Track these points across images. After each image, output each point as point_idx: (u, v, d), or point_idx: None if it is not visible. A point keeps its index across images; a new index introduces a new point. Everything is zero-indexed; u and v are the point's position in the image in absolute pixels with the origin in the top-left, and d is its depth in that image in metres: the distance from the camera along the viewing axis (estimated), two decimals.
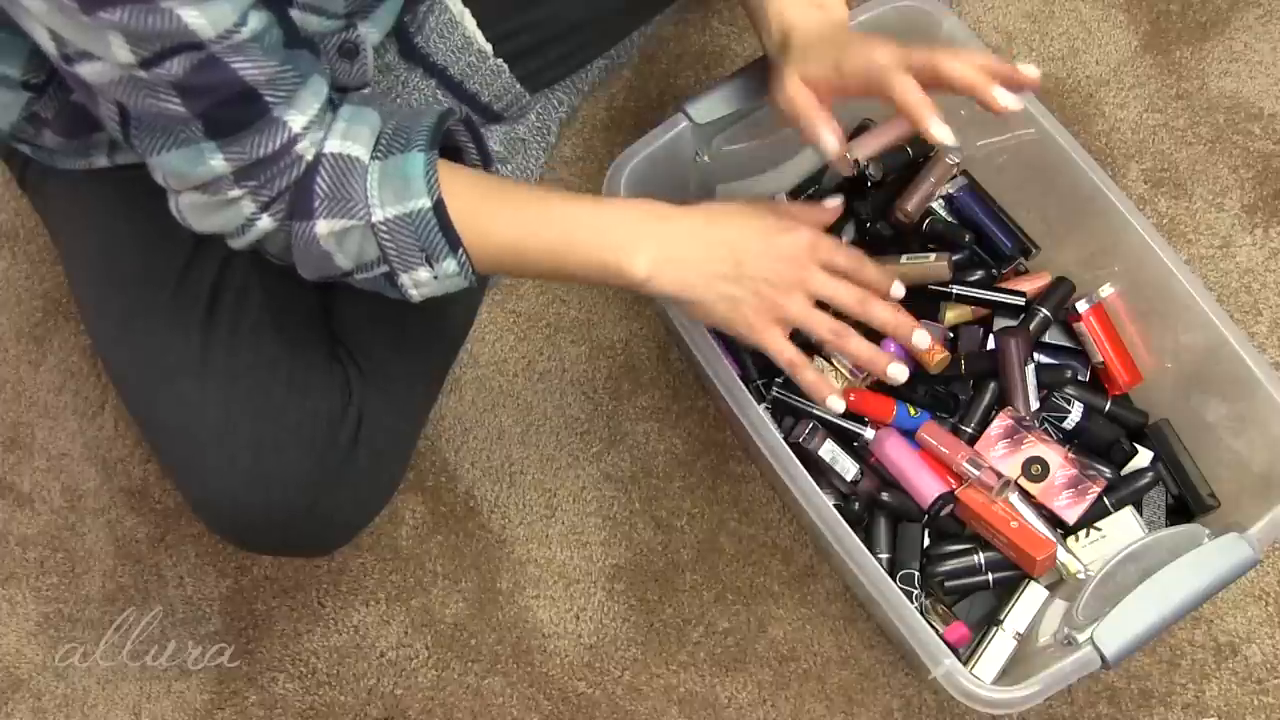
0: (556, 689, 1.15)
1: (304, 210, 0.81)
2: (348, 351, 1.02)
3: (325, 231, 0.82)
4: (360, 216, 0.81)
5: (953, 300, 1.14)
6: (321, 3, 0.84)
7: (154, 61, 0.71)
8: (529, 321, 1.26)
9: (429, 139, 0.83)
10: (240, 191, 0.80)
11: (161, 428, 0.96)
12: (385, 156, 0.82)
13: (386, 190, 0.81)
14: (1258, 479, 1.03)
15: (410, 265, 0.84)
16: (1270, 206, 1.28)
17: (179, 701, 1.16)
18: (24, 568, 1.20)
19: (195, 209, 0.82)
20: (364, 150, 0.82)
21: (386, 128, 0.84)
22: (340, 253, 0.83)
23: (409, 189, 0.81)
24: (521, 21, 1.09)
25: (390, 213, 0.81)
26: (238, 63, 0.74)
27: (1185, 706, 1.14)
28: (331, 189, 0.81)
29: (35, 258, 1.27)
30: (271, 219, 0.82)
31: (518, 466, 1.21)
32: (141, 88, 0.73)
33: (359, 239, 0.82)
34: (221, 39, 0.72)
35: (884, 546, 1.10)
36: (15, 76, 0.90)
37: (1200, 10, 1.36)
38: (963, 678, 0.94)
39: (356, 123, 0.83)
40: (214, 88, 0.74)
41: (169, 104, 0.74)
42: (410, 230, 0.82)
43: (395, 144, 0.83)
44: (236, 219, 0.82)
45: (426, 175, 0.81)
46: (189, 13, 0.69)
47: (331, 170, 0.81)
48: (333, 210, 0.81)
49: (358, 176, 0.81)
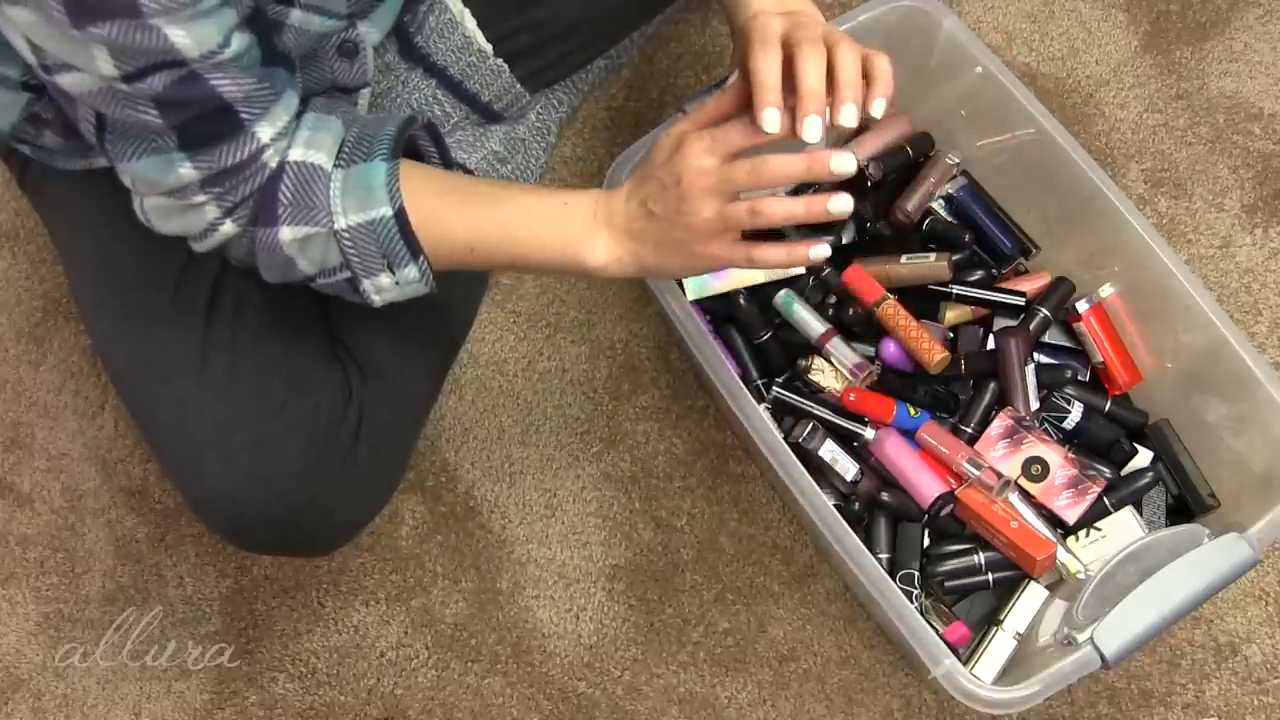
0: (556, 689, 1.15)
1: (268, 217, 0.83)
2: (347, 351, 1.02)
3: (289, 238, 0.84)
4: (323, 224, 0.83)
5: (953, 300, 1.14)
6: (324, 3, 0.85)
7: (136, 76, 0.73)
8: (529, 321, 1.26)
9: (391, 147, 0.84)
10: (205, 197, 0.82)
11: (161, 427, 0.96)
12: (348, 165, 0.84)
13: (349, 198, 0.83)
14: (1258, 479, 1.03)
15: (372, 271, 0.85)
16: (1270, 206, 1.28)
17: (179, 701, 1.16)
18: (24, 568, 1.20)
19: (159, 211, 0.84)
20: (327, 158, 0.84)
21: (349, 135, 0.85)
22: (303, 258, 0.85)
23: (371, 198, 0.83)
24: (521, 21, 1.09)
25: (353, 220, 0.83)
26: (217, 79, 0.75)
27: (1185, 706, 1.14)
28: (295, 196, 0.83)
29: (35, 258, 1.27)
30: (234, 224, 0.84)
31: (518, 466, 1.21)
32: (120, 99, 0.75)
33: (322, 245, 0.84)
34: (205, 58, 0.74)
35: (884, 546, 1.10)
36: (15, 77, 0.90)
37: (1200, 10, 1.36)
38: (963, 678, 0.94)
39: (320, 130, 0.84)
40: (192, 103, 0.76)
41: (146, 115, 0.75)
42: (372, 238, 0.84)
43: (358, 152, 0.84)
44: (200, 223, 0.84)
45: (389, 184, 0.83)
46: (176, 32, 0.71)
47: (295, 178, 0.82)
48: (296, 217, 0.83)
49: (321, 184, 0.83)
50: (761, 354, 1.16)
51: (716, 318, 1.18)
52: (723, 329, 1.17)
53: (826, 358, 1.13)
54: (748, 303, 1.13)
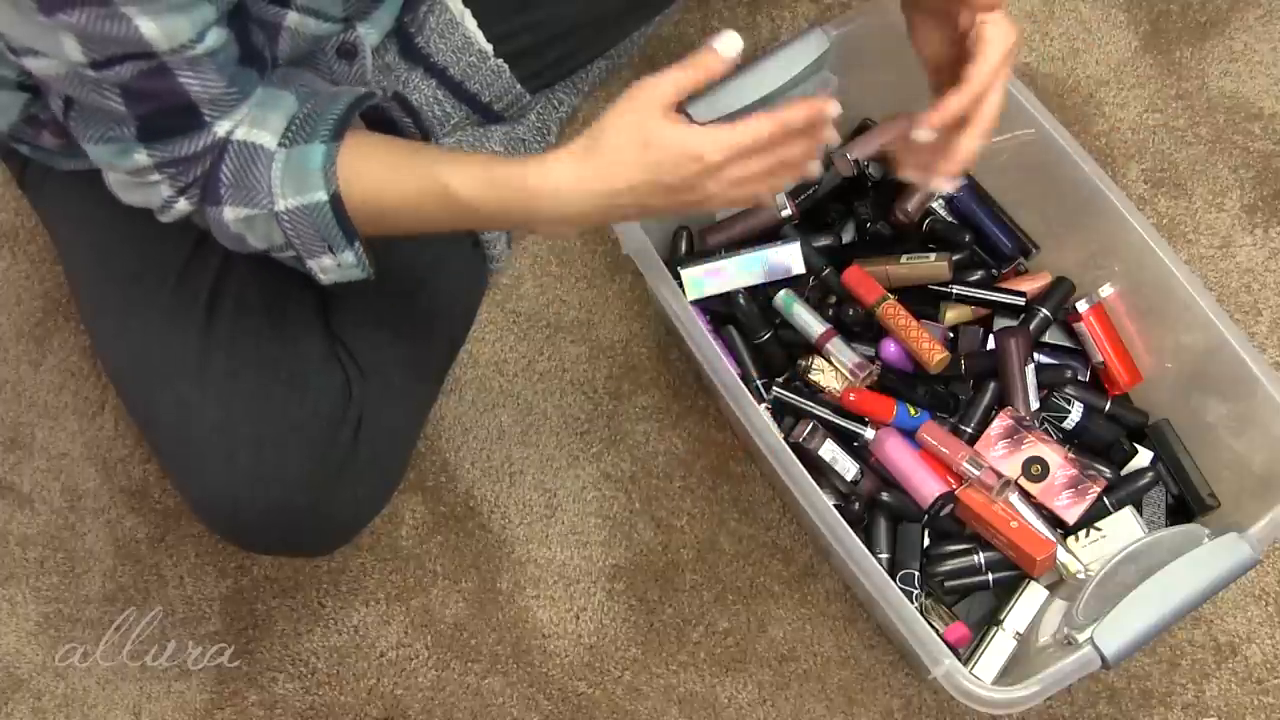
0: (556, 689, 1.15)
1: (213, 196, 0.83)
2: (347, 351, 1.02)
3: (232, 217, 0.84)
4: (264, 205, 0.83)
5: (953, 300, 1.14)
6: (320, 6, 0.85)
7: (104, 64, 0.73)
8: (529, 321, 1.26)
9: (334, 128, 0.83)
10: (159, 177, 0.82)
11: (161, 428, 0.96)
12: (291, 144, 0.83)
13: (288, 181, 0.82)
14: (1258, 479, 1.03)
15: (314, 253, 0.85)
16: (1270, 206, 1.28)
17: (179, 701, 1.16)
18: (24, 568, 1.20)
19: (120, 185, 0.85)
20: (271, 138, 0.83)
21: (300, 112, 0.84)
22: (250, 234, 0.85)
23: (308, 181, 0.82)
24: (522, 22, 1.09)
25: (291, 203, 0.83)
26: (186, 78, 0.76)
27: (1185, 706, 1.14)
28: (235, 177, 0.82)
29: (35, 258, 1.27)
30: (188, 202, 0.84)
31: (518, 466, 1.21)
32: (88, 83, 0.74)
33: (264, 225, 0.84)
34: (174, 52, 0.73)
35: (884, 546, 1.10)
36: (11, 77, 0.90)
37: (1200, 10, 1.36)
38: (963, 678, 0.94)
39: (268, 109, 0.83)
40: (158, 95, 0.76)
41: (111, 102, 0.76)
42: (309, 221, 0.83)
43: (302, 132, 0.83)
44: (156, 199, 0.84)
45: (325, 168, 0.82)
46: (146, 23, 0.71)
47: (236, 158, 0.82)
48: (237, 198, 0.83)
49: (262, 165, 0.82)
50: (761, 354, 1.16)
51: (716, 318, 1.18)
52: (723, 329, 1.17)
53: (826, 358, 1.13)
54: (748, 303, 1.13)
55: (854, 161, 1.17)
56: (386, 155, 0.86)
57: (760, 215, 1.16)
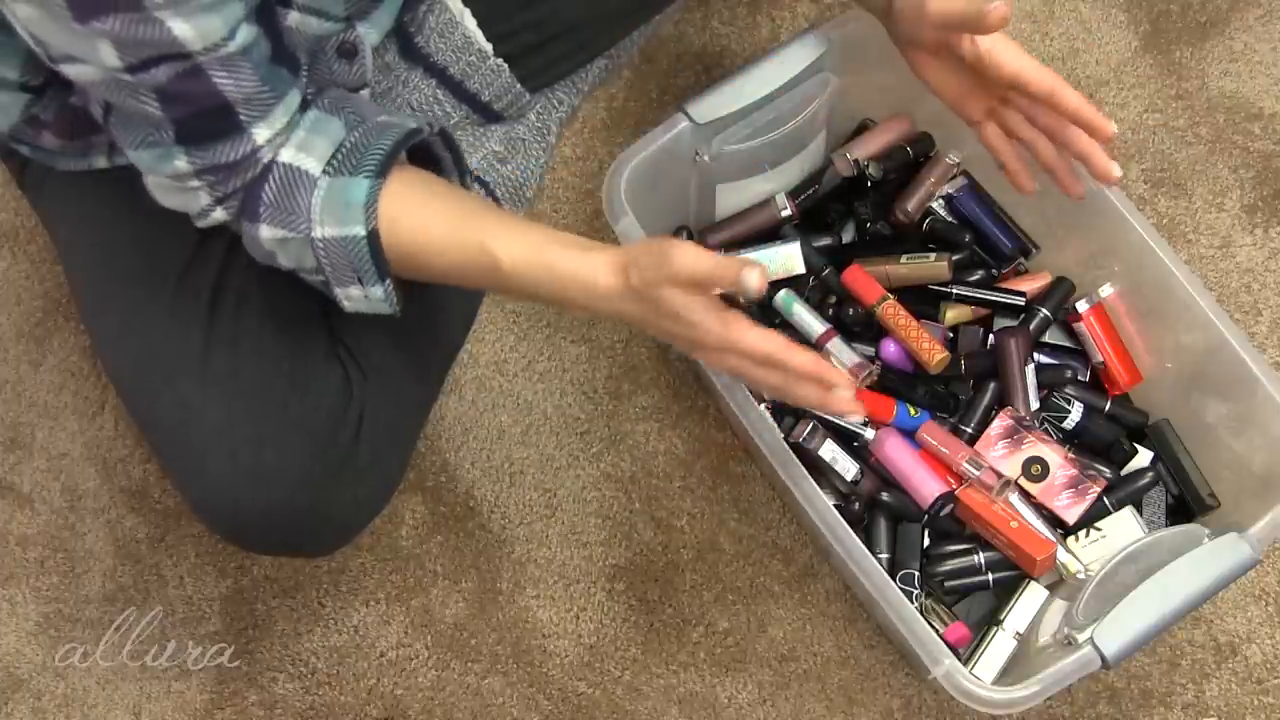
0: (556, 689, 1.15)
1: (251, 213, 0.84)
2: (348, 351, 1.02)
3: (268, 236, 0.85)
4: (301, 230, 0.84)
5: (953, 300, 1.14)
6: (321, 5, 0.85)
7: (140, 68, 0.74)
8: (529, 321, 1.26)
9: (380, 165, 0.84)
10: (199, 184, 0.83)
11: (161, 427, 0.96)
12: (336, 174, 0.84)
13: (329, 211, 0.83)
14: (1258, 479, 1.03)
15: (344, 282, 0.86)
16: (1270, 206, 1.28)
17: (179, 701, 1.16)
18: (24, 568, 1.20)
19: (159, 188, 0.86)
20: (317, 164, 0.84)
21: (348, 140, 0.85)
22: (282, 255, 0.86)
23: (348, 214, 0.83)
24: (521, 21, 1.09)
25: (329, 233, 0.84)
26: (220, 77, 0.76)
27: (1185, 706, 1.14)
28: (277, 199, 0.83)
29: (35, 258, 1.27)
30: (225, 212, 0.85)
31: (518, 466, 1.21)
32: (125, 88, 0.75)
33: (298, 249, 0.85)
34: (208, 51, 0.74)
35: (884, 546, 1.10)
36: (13, 78, 0.90)
37: (1200, 10, 1.35)
38: (963, 678, 0.94)
39: (316, 133, 0.84)
40: (194, 97, 0.77)
41: (148, 106, 0.76)
42: (344, 253, 0.84)
43: (349, 163, 0.84)
44: (195, 205, 0.85)
45: (367, 204, 0.83)
46: (179, 24, 0.71)
47: (280, 181, 0.83)
48: (276, 219, 0.84)
49: (304, 190, 0.83)
50: None
51: None
52: None
53: (826, 358, 1.13)
54: (748, 303, 1.13)
55: (854, 161, 1.17)
56: (432, 211, 0.86)
57: (760, 215, 1.16)
